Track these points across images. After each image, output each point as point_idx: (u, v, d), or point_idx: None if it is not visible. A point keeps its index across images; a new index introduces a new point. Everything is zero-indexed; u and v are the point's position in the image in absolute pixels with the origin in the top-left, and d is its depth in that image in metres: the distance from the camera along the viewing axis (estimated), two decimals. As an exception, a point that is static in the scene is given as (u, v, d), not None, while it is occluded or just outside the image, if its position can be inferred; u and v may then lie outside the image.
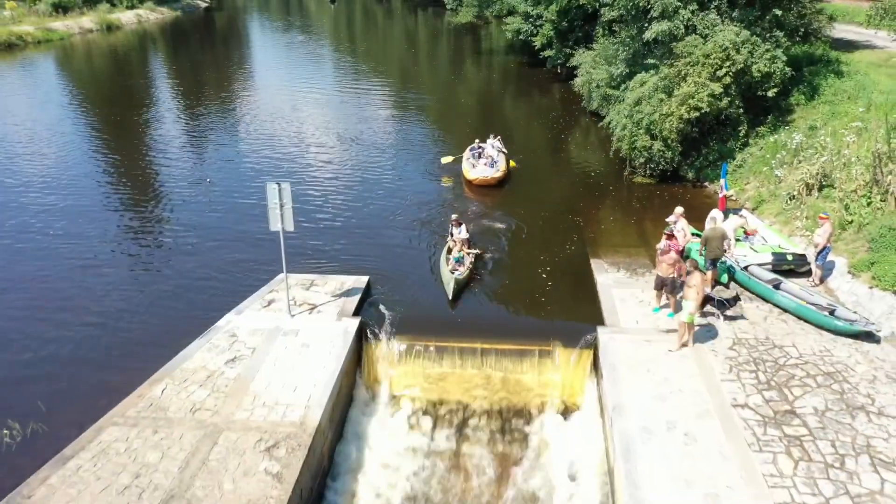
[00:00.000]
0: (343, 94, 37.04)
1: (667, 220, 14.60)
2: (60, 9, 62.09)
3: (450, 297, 14.03)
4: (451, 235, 16.06)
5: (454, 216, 16.49)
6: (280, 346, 12.25)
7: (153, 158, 24.94)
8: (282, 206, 12.32)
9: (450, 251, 15.51)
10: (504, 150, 22.67)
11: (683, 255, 13.53)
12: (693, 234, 14.94)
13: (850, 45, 27.44)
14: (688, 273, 11.50)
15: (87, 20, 62.39)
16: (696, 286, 11.25)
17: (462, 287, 14.41)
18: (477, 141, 22.71)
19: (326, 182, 21.97)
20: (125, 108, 32.78)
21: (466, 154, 22.31)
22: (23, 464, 9.72)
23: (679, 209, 14.74)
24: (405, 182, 22.12)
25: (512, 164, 22.55)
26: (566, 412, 11.97)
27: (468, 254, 15.52)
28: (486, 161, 21.69)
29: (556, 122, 30.02)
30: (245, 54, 56.33)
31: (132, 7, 72.14)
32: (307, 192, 20.52)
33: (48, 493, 9.06)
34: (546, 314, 13.95)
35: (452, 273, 14.46)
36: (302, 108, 33.09)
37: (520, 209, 19.34)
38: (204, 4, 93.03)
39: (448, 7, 63.75)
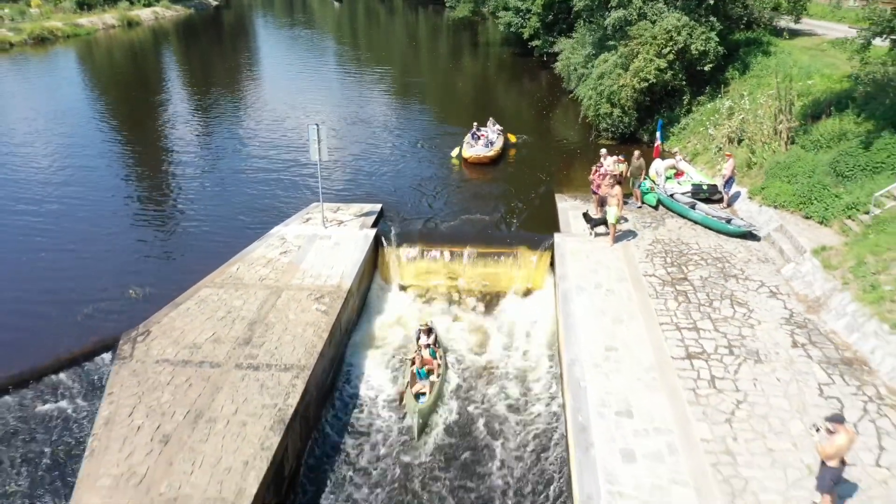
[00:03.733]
0: (352, 82, 41.57)
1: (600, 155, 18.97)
2: (84, 6, 66.58)
3: (414, 436, 11.56)
4: (418, 341, 13.65)
5: (422, 326, 13.86)
6: (318, 245, 16.58)
7: (207, 127, 29.57)
8: (319, 141, 16.61)
9: (414, 362, 12.98)
10: (501, 128, 25.97)
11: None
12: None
13: (793, 34, 31.62)
14: (612, 186, 15.80)
15: (109, 16, 66.80)
16: (616, 195, 15.56)
17: (427, 420, 12.00)
18: (476, 124, 25.81)
19: (343, 145, 26.29)
20: (158, 92, 37.35)
21: (467, 137, 25.40)
22: (145, 309, 14.01)
23: (604, 150, 19.13)
24: (409, 149, 26.31)
25: (513, 138, 26.11)
26: (531, 292, 16.29)
27: (437, 367, 13.10)
28: (483, 142, 24.78)
29: (540, 102, 34.33)
30: (258, 47, 60.76)
31: (149, 5, 76.60)
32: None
33: (169, 321, 13.37)
34: (520, 229, 18.33)
35: (417, 399, 12.21)
36: (315, 92, 37.57)
37: (506, 169, 23.67)
38: (214, 3, 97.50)
39: (448, 5, 68.12)
